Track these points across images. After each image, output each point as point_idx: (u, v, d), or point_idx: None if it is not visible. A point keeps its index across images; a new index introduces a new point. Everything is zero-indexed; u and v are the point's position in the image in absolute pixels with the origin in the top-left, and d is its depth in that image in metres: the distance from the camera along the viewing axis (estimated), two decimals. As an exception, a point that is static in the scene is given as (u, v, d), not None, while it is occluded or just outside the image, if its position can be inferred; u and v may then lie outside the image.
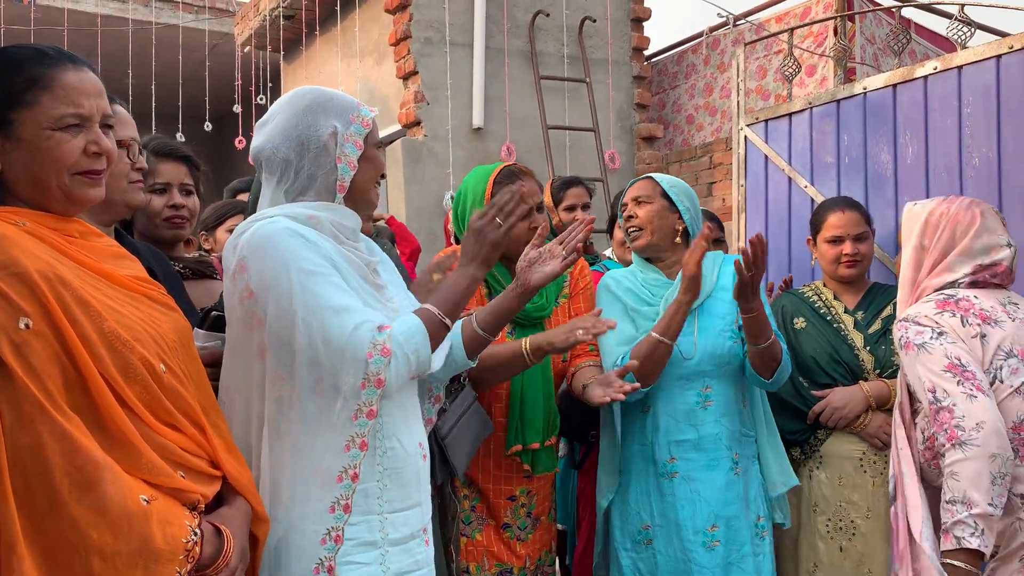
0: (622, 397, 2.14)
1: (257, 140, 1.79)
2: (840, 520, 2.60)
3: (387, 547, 1.69)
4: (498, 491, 2.41)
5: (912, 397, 2.28)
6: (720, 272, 2.52)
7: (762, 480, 2.49)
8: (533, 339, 2.17)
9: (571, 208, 3.39)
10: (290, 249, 1.62)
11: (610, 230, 3.27)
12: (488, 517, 2.41)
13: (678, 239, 2.50)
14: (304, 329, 1.59)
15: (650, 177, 2.56)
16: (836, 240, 2.73)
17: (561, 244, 1.99)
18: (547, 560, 2.57)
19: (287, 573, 1.60)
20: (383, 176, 1.87)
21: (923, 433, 2.23)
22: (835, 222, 2.73)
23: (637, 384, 2.18)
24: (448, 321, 1.71)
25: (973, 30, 3.17)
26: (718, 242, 3.21)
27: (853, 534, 2.56)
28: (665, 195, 2.50)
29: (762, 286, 2.40)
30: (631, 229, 2.52)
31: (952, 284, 2.25)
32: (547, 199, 3.43)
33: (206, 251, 2.92)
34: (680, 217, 2.51)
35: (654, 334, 2.32)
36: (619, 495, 2.48)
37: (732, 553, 2.37)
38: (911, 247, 2.33)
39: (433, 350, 1.70)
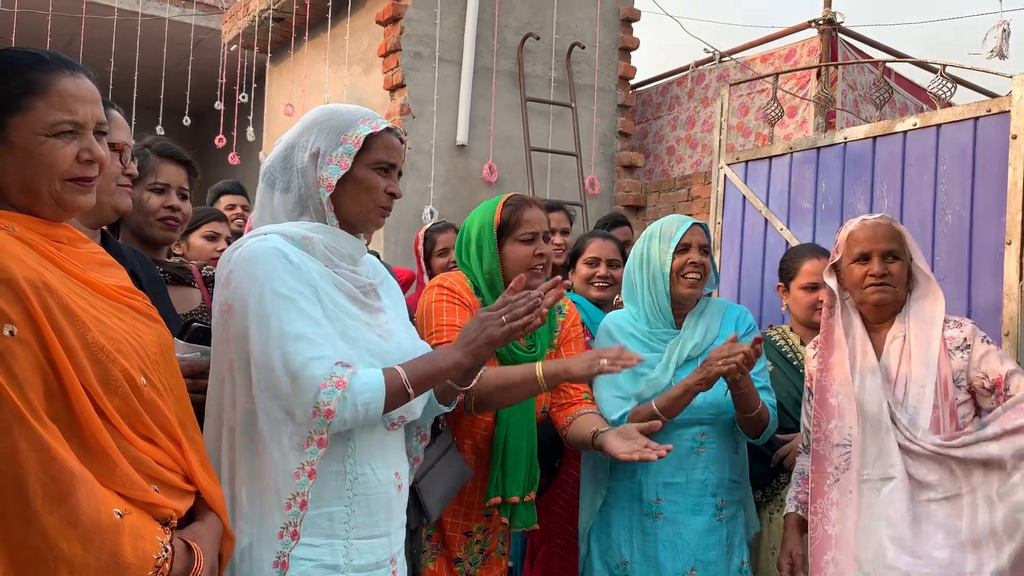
0: (654, 458, 2.06)
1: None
2: None
3: (350, 573, 1.69)
4: (455, 525, 2.40)
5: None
6: (724, 321, 2.55)
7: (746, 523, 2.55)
8: (548, 365, 2.10)
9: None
10: (269, 270, 1.63)
11: (572, 264, 3.19)
12: (442, 547, 2.41)
13: None
14: (265, 351, 1.60)
15: (703, 225, 2.55)
16: (812, 287, 2.78)
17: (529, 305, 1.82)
18: None
19: None
20: (393, 195, 1.80)
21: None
22: (810, 269, 2.79)
23: (671, 446, 2.10)
24: (411, 391, 1.67)
25: (954, 88, 3.26)
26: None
27: None
28: None
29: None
30: (692, 275, 2.48)
31: None
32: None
33: (180, 256, 2.90)
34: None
35: (654, 406, 2.34)
36: (602, 525, 2.51)
37: None
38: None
39: (388, 411, 1.67)
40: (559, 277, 1.91)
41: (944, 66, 3.16)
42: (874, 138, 3.24)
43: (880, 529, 2.12)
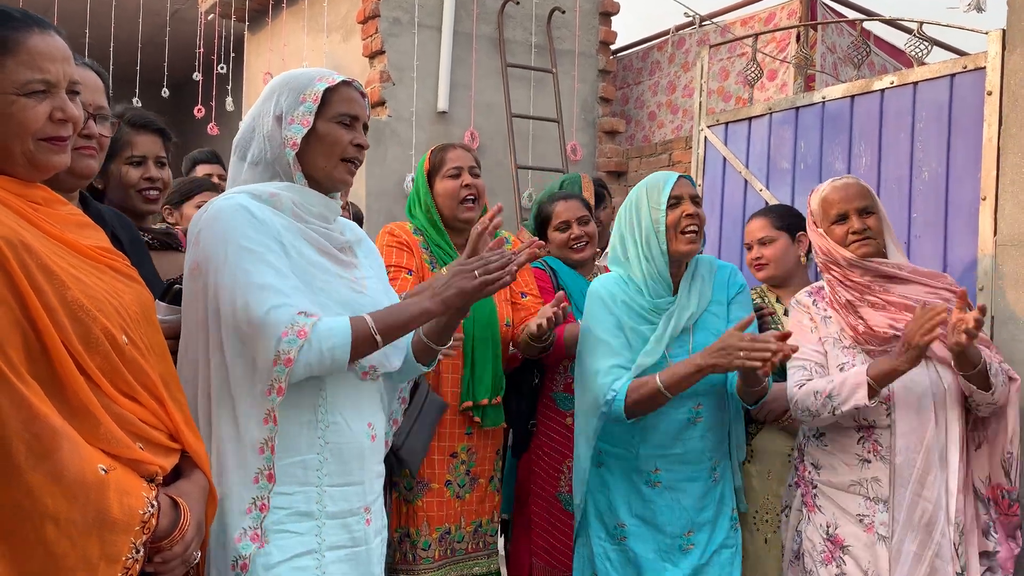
0: (548, 314, 2.33)
1: None
2: (767, 512, 2.69)
3: (324, 519, 1.72)
4: (442, 448, 2.56)
5: None
6: (715, 284, 2.44)
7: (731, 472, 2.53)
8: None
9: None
10: (233, 225, 1.66)
11: (540, 232, 3.08)
12: (431, 482, 2.56)
13: None
14: (231, 303, 1.63)
15: (688, 177, 2.48)
16: (748, 247, 2.91)
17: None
18: (489, 529, 2.70)
19: (219, 540, 1.64)
20: (359, 147, 1.83)
21: None
22: (749, 229, 2.92)
23: (564, 305, 2.33)
24: (379, 338, 1.68)
25: (930, 47, 3.27)
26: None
27: (778, 527, 2.66)
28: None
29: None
30: (690, 228, 2.35)
31: None
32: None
33: (171, 224, 2.91)
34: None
35: (659, 383, 2.22)
36: (600, 487, 2.46)
37: (705, 554, 2.39)
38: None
39: (355, 358, 1.69)
40: (537, 239, 1.94)
41: (920, 24, 3.17)
42: (852, 97, 3.25)
43: None
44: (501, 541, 3.05)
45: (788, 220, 2.88)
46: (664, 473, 2.39)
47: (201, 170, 3.77)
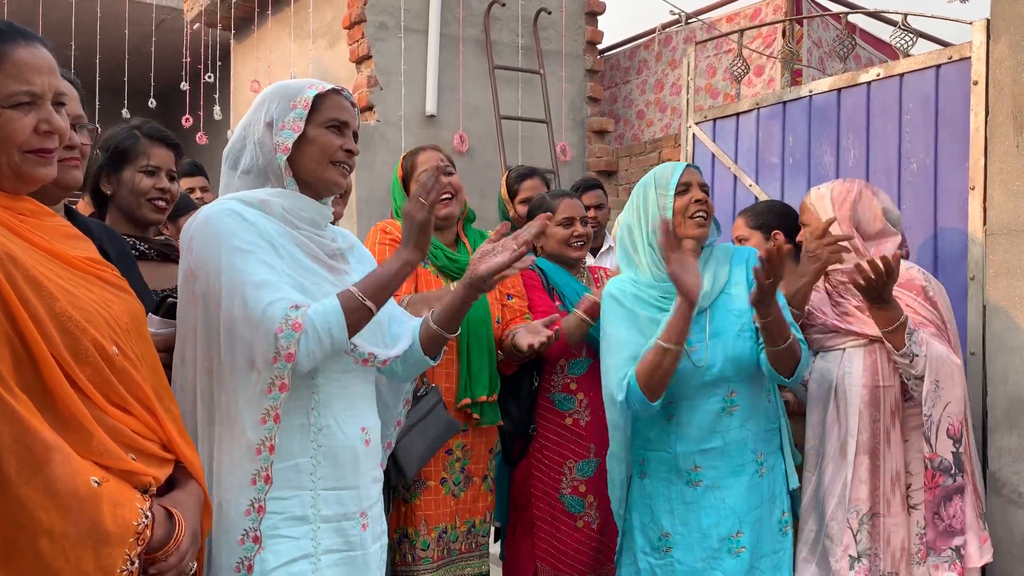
0: (543, 339, 2.37)
1: None
2: None
3: (319, 523, 1.72)
4: None
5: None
6: (732, 266, 2.39)
7: (784, 470, 2.41)
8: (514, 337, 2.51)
9: (527, 200, 3.30)
10: (224, 228, 1.67)
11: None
12: (427, 479, 2.57)
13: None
14: (227, 303, 1.63)
15: (696, 167, 2.45)
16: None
17: (515, 239, 1.98)
18: (481, 530, 2.71)
19: (218, 545, 1.64)
20: (350, 152, 1.84)
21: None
22: (735, 226, 2.97)
23: (560, 327, 2.36)
24: (369, 303, 1.69)
25: (915, 39, 3.28)
26: (600, 207, 3.41)
27: None
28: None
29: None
30: (699, 213, 2.31)
31: None
32: (503, 191, 3.44)
33: (166, 236, 2.92)
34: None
35: (659, 341, 2.16)
36: (642, 498, 2.39)
37: (756, 558, 2.29)
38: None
39: (353, 331, 1.69)
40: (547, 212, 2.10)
41: (905, 16, 3.18)
42: (839, 90, 3.26)
43: None
44: (497, 545, 3.04)
45: (764, 218, 2.88)
46: (706, 471, 2.29)
47: (184, 184, 3.75)
